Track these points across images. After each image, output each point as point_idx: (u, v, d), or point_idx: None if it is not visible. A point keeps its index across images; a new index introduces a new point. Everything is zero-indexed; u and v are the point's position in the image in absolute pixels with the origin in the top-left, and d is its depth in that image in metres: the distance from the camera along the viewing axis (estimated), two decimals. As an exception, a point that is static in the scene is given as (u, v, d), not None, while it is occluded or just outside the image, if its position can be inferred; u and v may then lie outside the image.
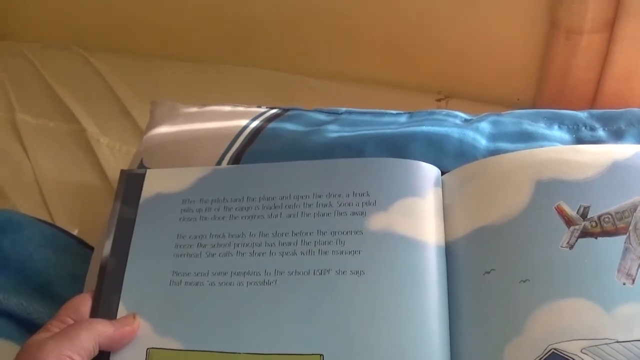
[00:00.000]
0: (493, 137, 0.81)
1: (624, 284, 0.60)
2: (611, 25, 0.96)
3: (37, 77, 1.24)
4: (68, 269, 0.84)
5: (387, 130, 0.82)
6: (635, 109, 0.83)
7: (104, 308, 0.68)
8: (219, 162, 0.82)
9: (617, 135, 0.79)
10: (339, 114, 0.89)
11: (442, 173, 0.73)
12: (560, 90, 1.04)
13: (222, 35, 1.26)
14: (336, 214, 0.69)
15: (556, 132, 0.81)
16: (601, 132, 0.80)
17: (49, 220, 0.95)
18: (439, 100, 1.13)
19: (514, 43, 1.07)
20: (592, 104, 1.03)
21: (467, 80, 1.13)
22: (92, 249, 0.82)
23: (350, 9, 1.15)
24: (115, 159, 1.04)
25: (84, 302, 0.68)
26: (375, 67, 1.18)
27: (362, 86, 1.17)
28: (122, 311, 0.68)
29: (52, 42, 1.34)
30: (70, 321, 0.66)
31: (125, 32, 1.33)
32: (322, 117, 0.88)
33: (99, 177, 1.03)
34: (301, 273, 0.66)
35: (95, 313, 0.68)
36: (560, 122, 0.82)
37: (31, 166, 1.05)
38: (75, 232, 0.92)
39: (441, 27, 1.10)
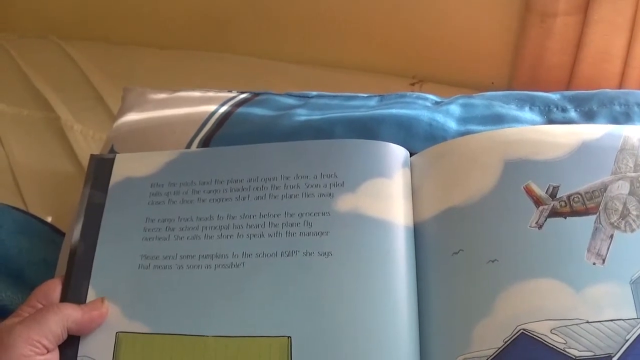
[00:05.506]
0: (463, 120, 0.80)
1: (594, 264, 0.60)
2: (585, 7, 0.96)
3: (13, 66, 1.24)
4: (41, 256, 0.84)
5: (356, 113, 0.81)
6: (607, 90, 0.83)
7: (73, 293, 0.68)
8: (188, 147, 0.81)
9: (589, 116, 0.79)
10: (309, 97, 0.88)
11: (411, 155, 0.73)
12: (535, 74, 1.04)
13: (196, 22, 1.26)
14: (304, 196, 0.69)
15: (527, 113, 0.80)
16: (573, 113, 0.79)
17: (23, 208, 0.95)
18: (413, 84, 1.13)
19: (488, 27, 1.07)
20: (567, 87, 1.03)
21: (441, 65, 1.13)
22: (65, 235, 0.82)
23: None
24: (89, 146, 1.04)
25: (53, 287, 0.68)
26: (349, 52, 1.18)
27: (336, 71, 1.17)
28: (91, 295, 0.68)
29: (28, 32, 1.33)
30: (40, 306, 0.66)
31: (101, 20, 1.33)
32: (292, 101, 0.87)
33: (72, 164, 1.03)
34: (269, 255, 0.66)
35: (64, 298, 0.68)
36: (532, 103, 0.82)
37: (5, 154, 1.05)
38: (48, 219, 0.92)
39: (415, 12, 1.10)
